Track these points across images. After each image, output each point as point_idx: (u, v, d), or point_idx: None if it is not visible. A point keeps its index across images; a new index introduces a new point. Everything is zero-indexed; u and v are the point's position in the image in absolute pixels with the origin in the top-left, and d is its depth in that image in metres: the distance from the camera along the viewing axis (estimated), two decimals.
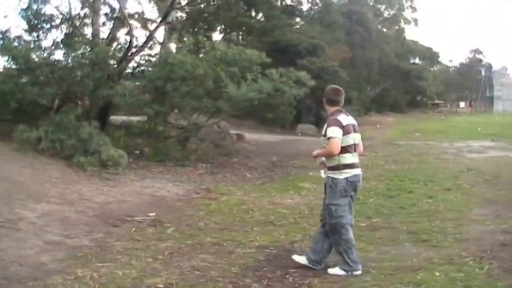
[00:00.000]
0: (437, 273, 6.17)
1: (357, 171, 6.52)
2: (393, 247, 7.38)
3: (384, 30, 65.69)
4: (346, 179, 6.41)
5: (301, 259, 6.58)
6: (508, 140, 26.57)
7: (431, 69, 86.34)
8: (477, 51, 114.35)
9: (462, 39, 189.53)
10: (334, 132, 6.36)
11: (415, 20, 72.13)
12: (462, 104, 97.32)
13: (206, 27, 34.13)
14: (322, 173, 6.64)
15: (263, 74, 16.45)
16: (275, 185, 12.85)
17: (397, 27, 70.26)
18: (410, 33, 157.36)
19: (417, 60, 78.32)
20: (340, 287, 5.91)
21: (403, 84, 63.82)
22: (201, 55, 17.96)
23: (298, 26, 41.37)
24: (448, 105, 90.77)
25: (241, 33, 40.73)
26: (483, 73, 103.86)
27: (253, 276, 6.26)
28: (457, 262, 6.67)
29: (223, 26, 38.07)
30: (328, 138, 6.36)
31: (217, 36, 38.16)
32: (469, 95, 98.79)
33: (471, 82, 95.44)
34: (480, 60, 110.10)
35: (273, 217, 9.39)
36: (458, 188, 12.42)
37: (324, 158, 6.57)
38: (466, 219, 9.16)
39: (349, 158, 6.45)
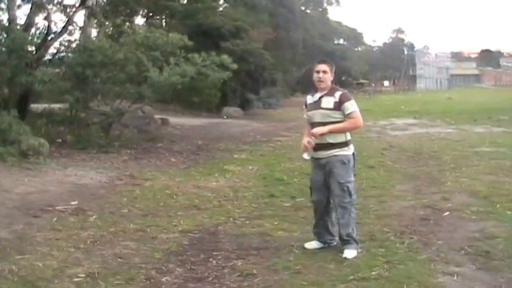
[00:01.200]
0: (359, 250, 6.24)
1: None
2: None
3: (308, 11, 66.18)
4: (353, 154, 6.42)
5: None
6: (429, 117, 27.30)
7: (356, 49, 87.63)
8: (399, 30, 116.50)
9: (385, 19, 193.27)
10: (355, 105, 6.31)
11: (337, 1, 72.92)
12: (386, 83, 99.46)
13: (128, 11, 33.63)
14: (306, 155, 6.39)
15: (186, 58, 16.31)
16: (200, 169, 12.76)
17: (320, 9, 70.90)
18: (335, 15, 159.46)
19: (342, 41, 79.46)
20: (264, 268, 5.90)
21: None
22: (121, 40, 17.65)
23: (221, 9, 41.13)
24: (373, 85, 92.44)
25: (164, 17, 40.30)
26: (406, 52, 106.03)
27: (177, 260, 6.20)
28: (379, 238, 6.80)
29: (145, 10, 37.59)
30: (350, 112, 6.22)
31: (140, 20, 37.73)
32: (392, 74, 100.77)
33: (394, 61, 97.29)
34: (403, 40, 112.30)
35: (198, 201, 9.32)
36: (381, 165, 12.66)
37: (312, 139, 6.24)
38: (388, 196, 9.36)
39: (350, 133, 6.46)
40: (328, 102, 6.29)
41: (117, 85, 16.23)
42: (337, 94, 6.29)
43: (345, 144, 6.32)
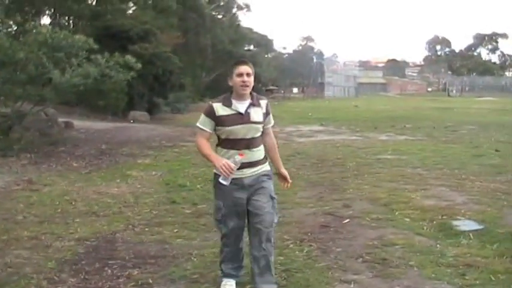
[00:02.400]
0: None
1: None
2: (216, 234, 7.24)
3: (219, 16, 66.26)
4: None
5: None
6: (336, 124, 27.68)
7: (266, 55, 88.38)
8: (309, 38, 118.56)
9: (295, 26, 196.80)
10: None
11: (248, 6, 73.22)
12: (295, 90, 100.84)
13: (34, 10, 32.77)
14: (225, 180, 5.14)
15: (88, 59, 15.98)
16: (102, 174, 12.43)
17: (230, 14, 71.08)
18: (246, 21, 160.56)
19: (252, 47, 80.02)
20: (161, 277, 5.77)
21: None
22: (22, 39, 17.09)
23: (131, 11, 40.72)
24: (282, 91, 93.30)
25: (71, 18, 39.51)
26: (315, 60, 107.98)
27: (70, 270, 5.98)
28: (278, 245, 6.72)
29: (52, 10, 36.76)
30: (272, 125, 5.54)
31: (47, 20, 36.88)
32: (301, 81, 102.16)
33: (304, 69, 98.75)
34: (312, 48, 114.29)
35: (97, 207, 9.05)
36: None
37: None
38: (290, 203, 9.31)
39: None
40: (258, 114, 5.28)
41: (17, 86, 15.68)
42: (263, 103, 5.37)
43: (266, 158, 5.55)
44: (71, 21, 39.55)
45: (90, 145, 17.16)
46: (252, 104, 5.24)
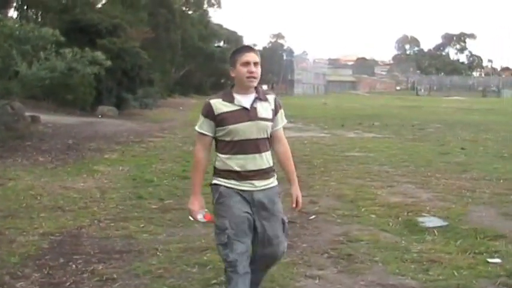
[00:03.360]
0: None
1: None
2: (183, 228, 7.33)
3: (190, 12, 66.14)
4: None
5: None
6: (304, 121, 27.81)
7: None
8: (279, 36, 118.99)
9: (265, 23, 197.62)
10: None
11: (219, 2, 73.31)
12: (265, 87, 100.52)
13: (0, 2, 32.37)
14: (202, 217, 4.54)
15: (57, 52, 15.84)
16: (68, 169, 12.28)
17: (201, 10, 71.01)
18: (216, 17, 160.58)
19: (222, 44, 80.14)
20: (125, 272, 5.72)
21: (207, 66, 64.68)
22: None
23: (100, 5, 40.43)
24: None
25: (39, 11, 39.11)
26: (285, 57, 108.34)
27: (34, 265, 5.90)
28: None
29: (19, 2, 36.37)
30: (283, 125, 4.64)
31: (14, 13, 36.45)
32: (271, 78, 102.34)
33: (273, 66, 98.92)
34: (282, 45, 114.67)
35: (63, 202, 8.94)
36: None
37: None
38: None
39: None
40: (266, 110, 4.40)
41: None
42: (271, 98, 4.47)
43: (274, 168, 4.57)
44: (38, 14, 39.13)
45: (56, 140, 16.95)
46: (258, 98, 4.36)
